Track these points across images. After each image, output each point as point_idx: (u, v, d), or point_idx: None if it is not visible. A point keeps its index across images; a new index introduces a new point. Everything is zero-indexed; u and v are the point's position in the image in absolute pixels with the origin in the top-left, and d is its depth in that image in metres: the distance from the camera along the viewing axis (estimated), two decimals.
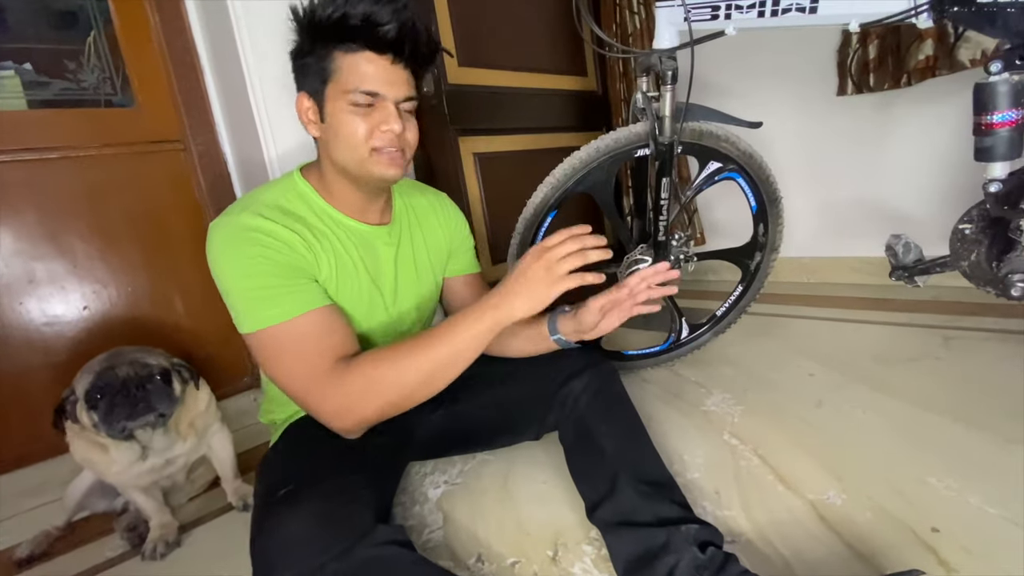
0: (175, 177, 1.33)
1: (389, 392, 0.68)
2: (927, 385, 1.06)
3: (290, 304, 0.69)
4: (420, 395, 0.71)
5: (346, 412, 0.69)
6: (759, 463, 0.89)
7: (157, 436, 0.90)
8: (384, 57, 0.71)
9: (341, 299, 0.79)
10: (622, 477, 0.70)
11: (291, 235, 0.72)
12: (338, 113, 0.73)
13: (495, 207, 1.81)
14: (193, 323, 1.34)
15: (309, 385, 0.69)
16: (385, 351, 0.70)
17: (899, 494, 0.77)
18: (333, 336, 0.71)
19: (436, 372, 0.69)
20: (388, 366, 0.68)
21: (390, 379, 0.68)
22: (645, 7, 2.04)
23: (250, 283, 0.68)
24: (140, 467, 0.90)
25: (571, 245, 0.68)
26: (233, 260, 0.69)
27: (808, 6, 0.77)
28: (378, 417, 0.71)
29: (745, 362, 1.31)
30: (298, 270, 0.72)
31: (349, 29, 0.69)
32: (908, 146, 1.63)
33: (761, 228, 1.21)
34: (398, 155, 0.76)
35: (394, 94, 0.73)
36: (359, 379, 0.68)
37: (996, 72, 0.67)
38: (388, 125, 0.73)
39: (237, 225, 0.71)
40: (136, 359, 0.88)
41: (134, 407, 0.84)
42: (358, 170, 0.75)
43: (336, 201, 0.80)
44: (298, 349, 0.69)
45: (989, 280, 0.80)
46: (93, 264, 1.21)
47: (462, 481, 0.96)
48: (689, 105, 0.97)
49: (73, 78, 1.21)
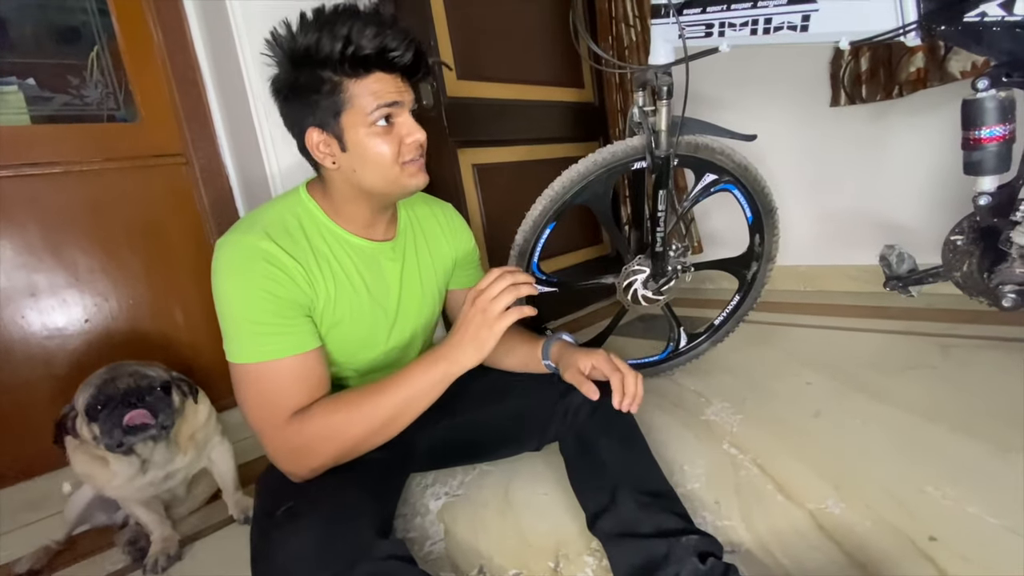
0: (177, 191, 1.34)
1: (339, 443, 0.70)
2: (925, 394, 1.07)
3: (278, 345, 0.70)
4: (371, 444, 0.72)
5: (297, 461, 0.70)
6: (759, 473, 0.89)
7: (158, 450, 0.90)
8: (392, 75, 0.72)
9: (340, 321, 0.79)
10: (623, 488, 0.70)
11: (294, 265, 0.72)
12: (362, 140, 0.72)
13: (494, 217, 1.83)
14: (193, 336, 1.35)
15: (266, 428, 0.70)
16: (338, 402, 0.71)
17: (898, 503, 0.77)
18: (305, 384, 0.72)
19: (387, 423, 0.71)
20: (340, 418, 0.70)
21: (341, 430, 0.70)
22: (641, 21, 2.07)
23: (247, 315, 0.69)
24: (140, 481, 0.90)
25: (501, 283, 0.69)
26: (236, 286, 0.69)
27: (799, 24, 0.79)
28: (331, 465, 0.72)
29: (744, 371, 1.32)
30: (296, 306, 0.73)
31: (363, 60, 0.68)
32: (901, 156, 1.66)
33: (757, 238, 1.23)
34: (422, 161, 0.78)
35: (407, 102, 0.74)
36: (311, 431, 0.69)
37: (983, 89, 0.69)
38: (413, 136, 0.74)
39: (245, 247, 0.71)
40: (137, 371, 0.89)
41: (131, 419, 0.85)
42: (389, 188, 0.76)
43: (342, 219, 0.80)
44: (268, 391, 0.70)
45: (981, 290, 0.81)
46: (95, 277, 1.22)
47: (463, 492, 0.96)
48: (685, 119, 0.99)
49: (76, 93, 1.22)
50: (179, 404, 0.92)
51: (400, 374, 0.72)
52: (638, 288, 1.17)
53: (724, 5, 0.86)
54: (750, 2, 0.83)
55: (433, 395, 0.72)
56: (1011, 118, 0.68)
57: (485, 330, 0.69)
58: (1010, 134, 0.69)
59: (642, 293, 1.17)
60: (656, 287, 1.16)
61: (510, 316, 0.69)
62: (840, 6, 0.75)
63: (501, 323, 0.69)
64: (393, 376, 0.72)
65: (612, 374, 0.78)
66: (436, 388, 0.72)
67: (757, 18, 0.82)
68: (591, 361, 0.80)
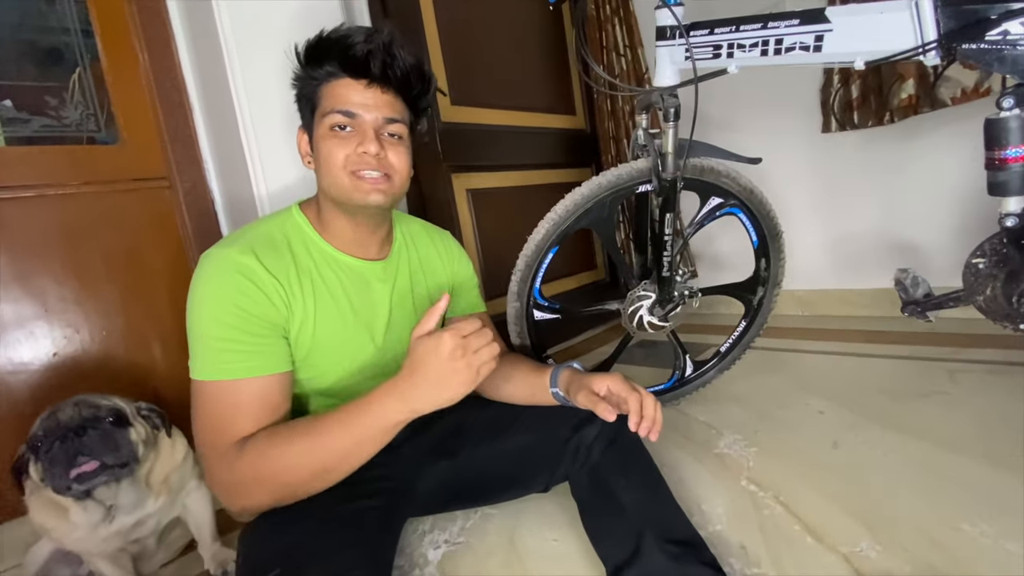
0: (158, 215, 1.27)
1: (275, 483, 0.63)
2: (941, 422, 1.03)
3: (239, 364, 0.66)
4: (312, 489, 0.65)
5: (230, 497, 0.65)
6: (783, 512, 0.84)
7: (124, 491, 0.80)
8: (360, 81, 0.72)
9: (319, 342, 0.75)
10: (648, 536, 0.64)
11: (271, 282, 0.69)
12: (320, 139, 0.73)
13: (488, 242, 1.80)
14: (170, 369, 1.26)
15: (207, 454, 0.66)
16: (277, 437, 0.64)
17: (935, 543, 0.72)
18: (259, 412, 0.66)
19: (329, 467, 0.64)
20: (277, 455, 0.63)
21: (277, 469, 0.63)
22: (631, 50, 2.10)
23: (212, 329, 0.66)
24: (106, 530, 0.80)
25: (484, 336, 0.63)
26: (207, 298, 0.67)
27: (812, 45, 0.78)
28: (268, 506, 0.65)
29: (752, 400, 1.28)
30: (267, 324, 0.69)
31: (324, 51, 0.71)
32: (907, 179, 1.65)
33: (763, 263, 1.20)
34: (381, 180, 0.73)
35: (372, 116, 0.72)
36: (246, 466, 0.63)
37: (1008, 108, 0.67)
38: (364, 146, 0.71)
39: (224, 259, 0.69)
40: (83, 401, 0.77)
41: (73, 457, 0.73)
42: (341, 196, 0.74)
43: (330, 236, 0.78)
44: (217, 414, 0.65)
45: (1007, 315, 0.79)
46: (66, 307, 1.14)
47: (464, 540, 0.89)
48: (692, 141, 0.97)
49: (55, 115, 1.17)
50: (143, 436, 0.82)
51: (346, 413, 0.64)
52: (644, 314, 1.12)
53: (733, 27, 0.85)
54: (760, 23, 0.82)
55: (382, 442, 0.65)
56: None
57: (464, 386, 0.62)
58: None
59: (648, 319, 1.13)
60: (662, 313, 1.12)
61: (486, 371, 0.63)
62: (855, 25, 0.74)
63: (480, 378, 0.63)
64: (338, 414, 0.64)
65: (630, 394, 0.73)
66: (386, 434, 0.65)
67: (768, 39, 0.81)
68: (606, 383, 0.75)
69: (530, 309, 1.13)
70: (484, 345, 0.63)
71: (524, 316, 1.12)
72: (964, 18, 0.67)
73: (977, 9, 0.67)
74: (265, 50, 1.17)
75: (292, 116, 1.20)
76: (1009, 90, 0.67)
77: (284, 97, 1.19)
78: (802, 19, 0.79)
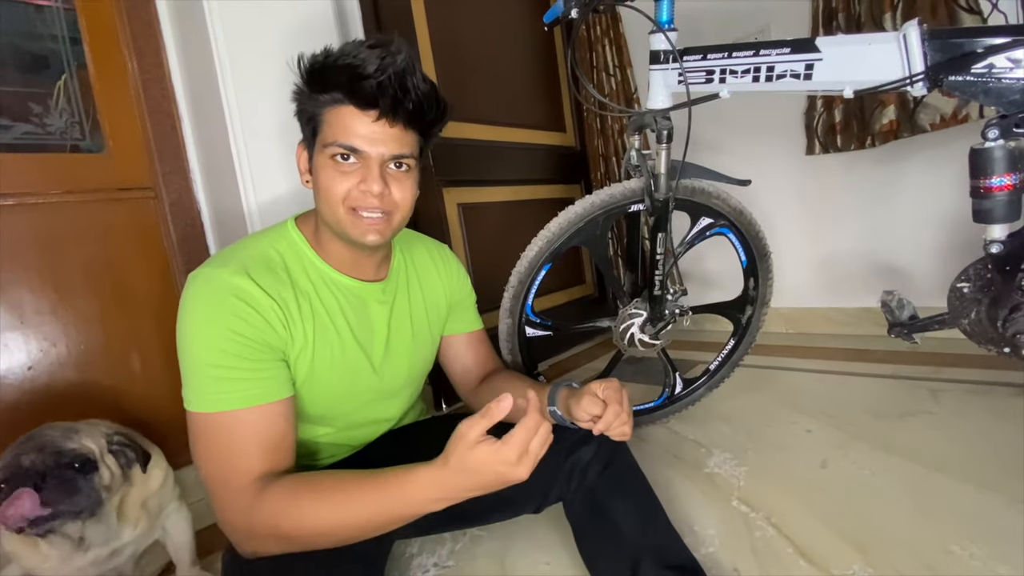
0: (143, 226, 1.24)
1: (293, 541, 0.60)
2: (927, 442, 1.05)
3: (239, 393, 0.62)
4: (325, 548, 0.61)
5: (243, 542, 0.62)
6: (775, 534, 0.84)
7: (91, 527, 0.75)
8: (368, 113, 0.65)
9: (319, 368, 0.72)
10: (645, 562, 0.63)
11: (269, 304, 0.66)
12: (319, 167, 0.69)
13: (479, 257, 1.79)
14: (151, 386, 1.22)
15: (220, 493, 0.62)
16: (300, 497, 0.59)
17: (927, 566, 0.73)
18: (266, 444, 0.63)
19: (350, 539, 0.60)
20: (298, 516, 0.59)
21: (298, 531, 0.59)
22: (621, 70, 2.14)
23: (208, 357, 0.62)
24: (80, 560, 0.76)
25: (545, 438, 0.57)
26: (200, 324, 0.63)
27: (803, 73, 0.80)
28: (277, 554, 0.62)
29: (739, 418, 1.28)
30: (266, 349, 0.65)
31: (331, 77, 0.65)
32: (891, 202, 1.69)
33: (752, 282, 1.22)
34: (380, 220, 0.69)
35: (378, 152, 0.67)
36: (265, 518, 0.59)
37: (993, 139, 0.70)
38: (366, 185, 0.66)
39: (216, 281, 0.64)
40: (49, 443, 0.72)
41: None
42: (337, 229, 0.70)
43: (327, 255, 0.75)
44: (224, 449, 0.61)
45: (991, 339, 0.80)
46: (43, 320, 1.10)
47: (454, 564, 0.87)
48: (683, 163, 0.98)
49: (39, 122, 1.14)
50: (114, 476, 0.77)
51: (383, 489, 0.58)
52: (635, 332, 1.13)
53: (725, 52, 0.87)
54: (752, 50, 0.84)
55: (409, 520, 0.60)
56: (1020, 167, 0.69)
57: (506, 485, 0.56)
58: (1020, 183, 0.69)
59: (639, 337, 1.13)
60: (654, 331, 1.13)
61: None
62: (845, 56, 0.77)
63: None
64: (374, 488, 0.58)
65: (612, 403, 0.68)
66: (415, 516, 0.59)
67: (759, 66, 0.83)
68: (603, 383, 0.72)
69: (522, 326, 1.12)
70: (542, 448, 0.57)
71: (516, 333, 1.11)
72: (951, 51, 0.69)
73: (963, 43, 0.69)
74: (258, 60, 1.16)
75: (284, 127, 1.20)
76: (994, 121, 0.69)
77: (276, 108, 1.19)
78: (793, 48, 0.81)
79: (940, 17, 1.35)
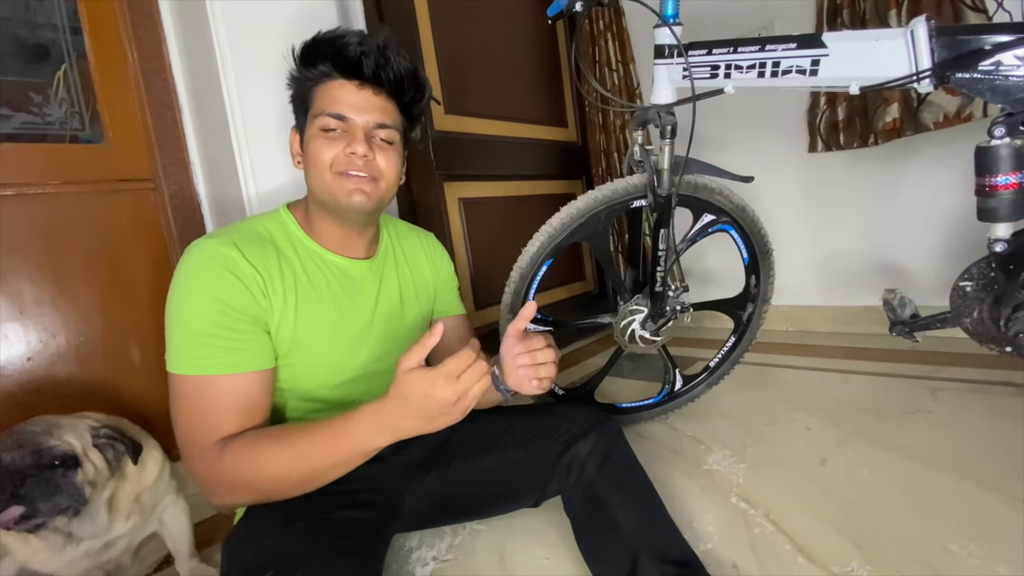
0: (142, 217, 1.24)
1: (255, 488, 0.65)
2: (926, 440, 1.05)
3: (220, 360, 0.66)
4: (292, 494, 0.66)
5: (212, 492, 0.66)
6: (774, 530, 0.84)
7: (78, 522, 0.74)
8: (352, 82, 0.72)
9: (302, 335, 0.74)
10: (644, 557, 0.63)
11: (252, 274, 0.69)
12: (309, 140, 0.74)
13: (479, 251, 1.79)
14: (149, 377, 1.22)
15: (189, 450, 0.66)
16: (258, 445, 0.64)
17: (926, 564, 0.72)
18: (239, 410, 0.67)
19: (307, 480, 0.65)
20: (255, 463, 0.63)
21: (257, 476, 0.63)
22: (624, 65, 2.13)
23: (193, 324, 0.65)
24: (73, 553, 0.75)
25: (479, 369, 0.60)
26: (188, 290, 0.67)
27: (809, 69, 0.79)
28: (247, 505, 0.69)
29: (739, 415, 1.28)
30: (249, 319, 0.69)
31: (319, 51, 0.72)
32: (892, 200, 1.68)
33: (753, 279, 1.21)
34: (366, 181, 0.74)
35: (363, 120, 0.73)
36: (227, 468, 0.64)
37: (999, 136, 0.69)
38: (351, 147, 0.72)
39: (206, 251, 0.69)
40: (29, 441, 0.71)
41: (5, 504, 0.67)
42: (325, 196, 0.74)
43: (317, 235, 0.79)
44: (199, 410, 0.65)
45: (993, 338, 0.80)
46: (43, 310, 1.09)
47: (453, 557, 0.87)
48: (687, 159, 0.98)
49: (38, 111, 1.13)
50: (99, 472, 0.76)
51: (329, 431, 0.63)
52: (636, 328, 1.12)
53: (730, 48, 0.86)
54: (757, 46, 0.83)
55: (360, 462, 0.65)
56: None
57: (446, 421, 0.61)
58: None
59: (640, 333, 1.13)
60: (655, 328, 1.12)
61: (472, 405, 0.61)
62: (851, 52, 0.76)
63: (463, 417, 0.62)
64: (322, 429, 0.63)
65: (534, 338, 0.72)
66: (365, 457, 0.65)
67: (765, 61, 0.83)
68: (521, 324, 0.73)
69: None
70: (475, 383, 0.59)
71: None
72: (958, 48, 0.69)
73: (971, 40, 0.69)
74: (259, 51, 1.15)
75: (284, 119, 1.20)
76: (1000, 119, 0.69)
77: (276, 100, 1.18)
78: (799, 43, 0.81)
79: (945, 14, 1.34)
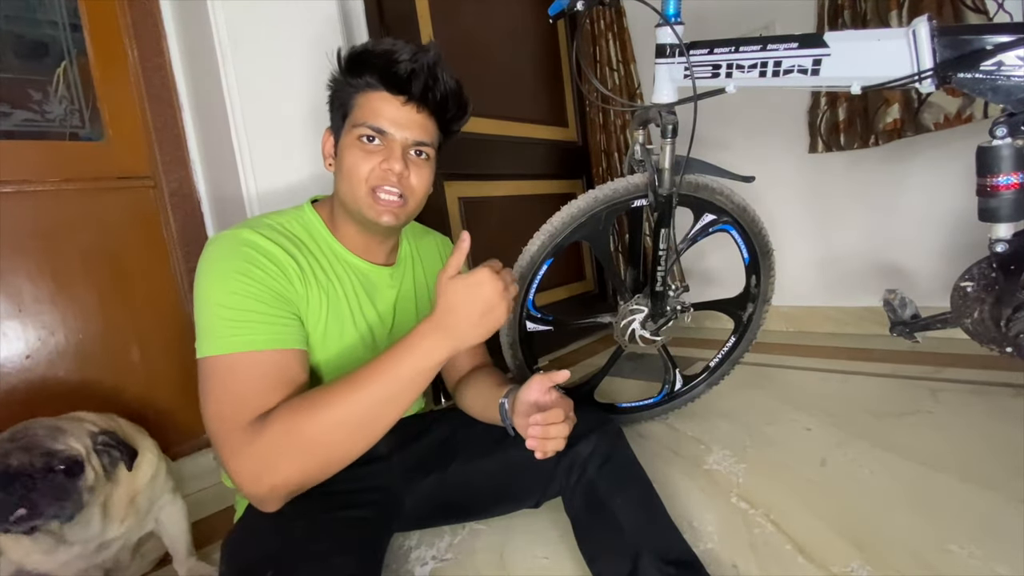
0: (142, 215, 1.24)
1: (306, 451, 0.59)
2: (926, 441, 1.05)
3: (260, 335, 0.63)
4: (345, 454, 0.61)
5: (256, 476, 0.59)
6: (774, 531, 0.84)
7: (70, 528, 0.73)
8: (398, 97, 0.71)
9: (328, 338, 0.74)
10: (645, 557, 0.63)
11: (288, 259, 0.69)
12: (345, 148, 0.73)
13: (479, 251, 1.75)
14: (148, 375, 1.22)
15: (224, 433, 0.59)
16: (305, 401, 0.60)
17: (925, 565, 0.72)
18: (279, 385, 0.63)
19: (367, 422, 0.61)
20: (307, 418, 0.58)
21: (309, 434, 0.58)
22: (624, 65, 2.13)
23: (229, 301, 0.63)
24: (67, 553, 0.74)
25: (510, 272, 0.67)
26: (221, 274, 0.65)
27: (810, 68, 0.79)
28: (296, 484, 0.60)
29: (739, 415, 1.28)
30: (284, 300, 0.67)
31: (367, 62, 0.71)
32: (893, 201, 1.68)
33: (754, 280, 1.21)
34: (396, 202, 0.74)
35: (403, 136, 0.72)
36: (272, 437, 0.57)
37: (1001, 137, 0.69)
38: (388, 164, 0.72)
39: (235, 239, 0.67)
40: (37, 444, 0.71)
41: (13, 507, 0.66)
42: (354, 208, 0.74)
43: (341, 236, 0.79)
44: (234, 388, 0.61)
45: (993, 339, 0.80)
46: (42, 308, 1.09)
47: (452, 557, 0.87)
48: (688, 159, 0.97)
49: (38, 109, 1.13)
50: (99, 476, 0.76)
51: (389, 358, 0.61)
52: (636, 328, 1.12)
53: (732, 47, 0.86)
54: (759, 45, 0.83)
55: (422, 387, 0.63)
56: None
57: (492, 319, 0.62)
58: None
59: (640, 333, 1.13)
60: (655, 327, 1.12)
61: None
62: (853, 51, 0.76)
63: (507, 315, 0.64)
64: (378, 362, 0.61)
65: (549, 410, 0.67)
66: (428, 378, 0.63)
67: (766, 61, 0.83)
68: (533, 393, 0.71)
69: (523, 320, 1.12)
70: (513, 281, 0.64)
71: (516, 327, 1.11)
72: (960, 48, 0.69)
73: (973, 40, 0.69)
74: (260, 49, 1.15)
75: (285, 117, 1.19)
76: (1002, 119, 0.69)
77: (278, 98, 1.18)
78: (801, 43, 0.81)
79: (946, 15, 1.34)
